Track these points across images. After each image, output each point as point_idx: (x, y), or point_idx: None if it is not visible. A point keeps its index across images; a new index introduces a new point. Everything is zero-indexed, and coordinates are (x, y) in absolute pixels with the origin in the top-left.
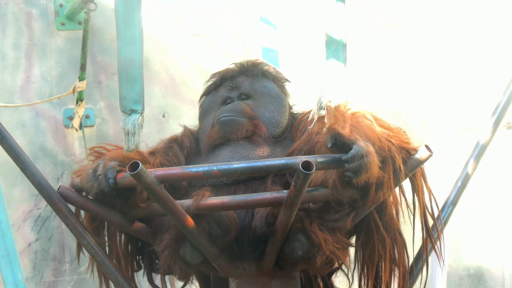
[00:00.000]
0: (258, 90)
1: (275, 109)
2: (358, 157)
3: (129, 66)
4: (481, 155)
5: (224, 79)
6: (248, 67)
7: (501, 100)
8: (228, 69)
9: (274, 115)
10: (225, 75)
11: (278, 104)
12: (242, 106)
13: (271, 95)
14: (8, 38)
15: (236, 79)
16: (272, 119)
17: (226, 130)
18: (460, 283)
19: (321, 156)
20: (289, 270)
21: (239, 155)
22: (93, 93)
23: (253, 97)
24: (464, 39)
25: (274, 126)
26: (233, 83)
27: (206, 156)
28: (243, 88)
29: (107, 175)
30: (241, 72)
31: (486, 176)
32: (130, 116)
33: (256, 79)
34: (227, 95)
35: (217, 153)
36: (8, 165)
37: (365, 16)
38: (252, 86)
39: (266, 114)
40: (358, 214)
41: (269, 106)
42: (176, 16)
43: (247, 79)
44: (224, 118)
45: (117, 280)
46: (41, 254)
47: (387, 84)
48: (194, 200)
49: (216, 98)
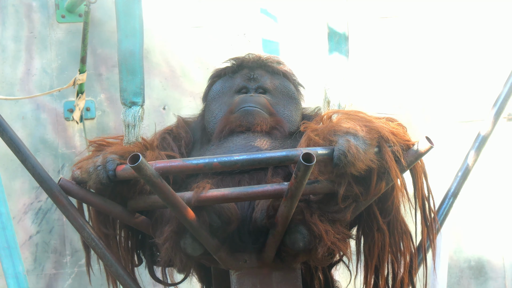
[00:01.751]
0: (278, 88)
1: (293, 109)
2: (342, 158)
3: (129, 58)
4: (482, 147)
5: (242, 67)
6: (267, 63)
7: (502, 92)
8: (246, 58)
9: (292, 114)
10: (243, 63)
11: (295, 106)
12: (264, 100)
13: (290, 96)
14: (8, 30)
15: (255, 70)
16: (291, 118)
17: (250, 120)
18: (461, 274)
19: (322, 148)
20: (290, 261)
21: (254, 144)
22: (93, 86)
23: (272, 93)
24: (465, 31)
25: (292, 124)
26: (251, 74)
27: (218, 142)
28: (262, 82)
29: (107, 167)
30: (259, 65)
31: (487, 168)
32: (130, 108)
33: (276, 77)
34: (244, 84)
35: (231, 140)
36: (9, 157)
37: (366, 7)
38: (272, 83)
39: (285, 112)
40: (359, 206)
41: (288, 105)
42: (176, 8)
43: (266, 74)
44: (248, 107)
45: (118, 272)
46: (41, 247)
47: (388, 76)
48: (195, 192)
49: (230, 84)
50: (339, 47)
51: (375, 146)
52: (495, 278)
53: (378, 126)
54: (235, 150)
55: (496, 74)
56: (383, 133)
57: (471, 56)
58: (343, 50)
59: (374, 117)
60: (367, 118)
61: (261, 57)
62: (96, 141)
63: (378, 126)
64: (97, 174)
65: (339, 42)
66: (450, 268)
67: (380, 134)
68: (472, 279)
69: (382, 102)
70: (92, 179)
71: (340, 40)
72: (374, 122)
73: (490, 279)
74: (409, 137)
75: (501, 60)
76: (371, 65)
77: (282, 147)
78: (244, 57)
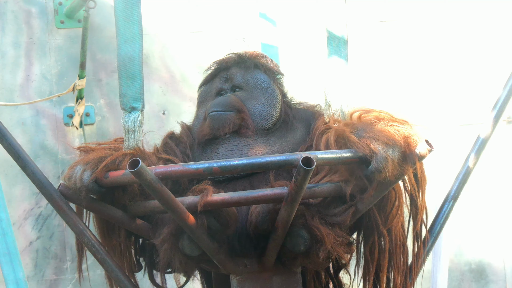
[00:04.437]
0: (249, 82)
1: (266, 101)
2: (378, 170)
3: (128, 63)
4: (482, 150)
5: (219, 70)
6: (243, 59)
7: (501, 95)
8: (223, 60)
9: (265, 107)
10: (220, 65)
11: (269, 96)
12: (231, 98)
13: (262, 87)
14: (7, 36)
15: (230, 70)
16: (263, 111)
17: (214, 125)
18: (462, 278)
19: (321, 152)
20: (290, 264)
21: (233, 148)
22: (93, 91)
23: (245, 89)
24: (465, 34)
25: (265, 118)
26: (227, 74)
27: (202, 151)
28: (235, 80)
29: (83, 180)
30: (235, 63)
31: (487, 171)
32: (130, 113)
33: (248, 70)
34: (220, 86)
35: (213, 149)
36: (9, 163)
37: (365, 11)
38: (244, 78)
39: (256, 106)
40: (359, 210)
41: (260, 98)
42: (175, 13)
43: (240, 70)
44: (212, 113)
45: (118, 277)
46: (42, 253)
47: (387, 80)
48: (201, 197)
49: (211, 89)
50: (338, 51)
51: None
52: (496, 281)
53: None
54: (215, 158)
55: (496, 77)
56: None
57: (470, 60)
58: (342, 53)
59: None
60: (399, 123)
61: (240, 55)
62: (80, 148)
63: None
64: (76, 186)
65: (338, 45)
66: (451, 271)
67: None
68: (473, 282)
69: (381, 106)
70: (77, 190)
71: (339, 44)
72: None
73: (491, 282)
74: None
75: (500, 63)
76: (371, 68)
77: (263, 143)
78: (222, 59)
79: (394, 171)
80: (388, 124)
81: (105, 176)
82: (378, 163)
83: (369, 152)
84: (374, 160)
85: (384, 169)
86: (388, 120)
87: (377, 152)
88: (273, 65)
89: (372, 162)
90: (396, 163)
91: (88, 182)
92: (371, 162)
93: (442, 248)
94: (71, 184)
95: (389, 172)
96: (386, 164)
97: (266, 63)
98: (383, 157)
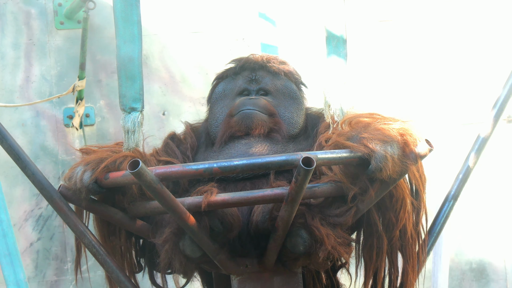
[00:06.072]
0: (279, 89)
1: (294, 110)
2: (379, 168)
3: (128, 64)
4: (482, 149)
5: (244, 69)
6: (269, 63)
7: (501, 94)
8: (249, 59)
9: (294, 116)
10: (246, 64)
11: (297, 106)
12: (264, 101)
13: (292, 96)
14: (7, 37)
15: (257, 72)
16: (292, 120)
17: (248, 123)
18: (463, 277)
19: (321, 152)
20: (291, 265)
21: (255, 150)
22: (93, 92)
23: (273, 95)
24: (464, 33)
25: (293, 126)
26: (253, 75)
27: (220, 148)
28: (263, 84)
29: (83, 180)
30: (261, 66)
31: (487, 170)
32: (130, 114)
33: (277, 77)
34: (245, 86)
35: (232, 146)
36: (9, 164)
37: (364, 11)
38: (273, 84)
39: (286, 114)
40: (360, 210)
41: (289, 107)
42: (175, 13)
43: (268, 75)
44: (247, 110)
45: (119, 278)
46: (43, 254)
47: (387, 79)
48: (204, 197)
49: (232, 86)
50: (338, 51)
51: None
52: (496, 280)
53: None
54: (236, 156)
55: (496, 76)
56: (407, 140)
57: (470, 59)
58: (341, 53)
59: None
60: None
61: (264, 58)
62: (81, 150)
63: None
64: (76, 187)
65: (337, 45)
66: (451, 270)
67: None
68: (474, 281)
69: (381, 105)
70: (77, 190)
71: (339, 43)
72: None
73: (492, 281)
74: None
75: (500, 62)
76: (370, 68)
77: (284, 151)
78: (247, 58)
79: (395, 168)
80: (381, 123)
81: (105, 177)
82: (377, 161)
83: (367, 151)
84: (373, 159)
85: (384, 167)
86: (380, 119)
87: (376, 151)
88: (298, 76)
89: (372, 161)
90: (396, 159)
91: (88, 182)
92: (370, 161)
93: (442, 247)
94: (72, 184)
95: (389, 170)
96: (385, 161)
97: (295, 72)
98: (382, 155)
